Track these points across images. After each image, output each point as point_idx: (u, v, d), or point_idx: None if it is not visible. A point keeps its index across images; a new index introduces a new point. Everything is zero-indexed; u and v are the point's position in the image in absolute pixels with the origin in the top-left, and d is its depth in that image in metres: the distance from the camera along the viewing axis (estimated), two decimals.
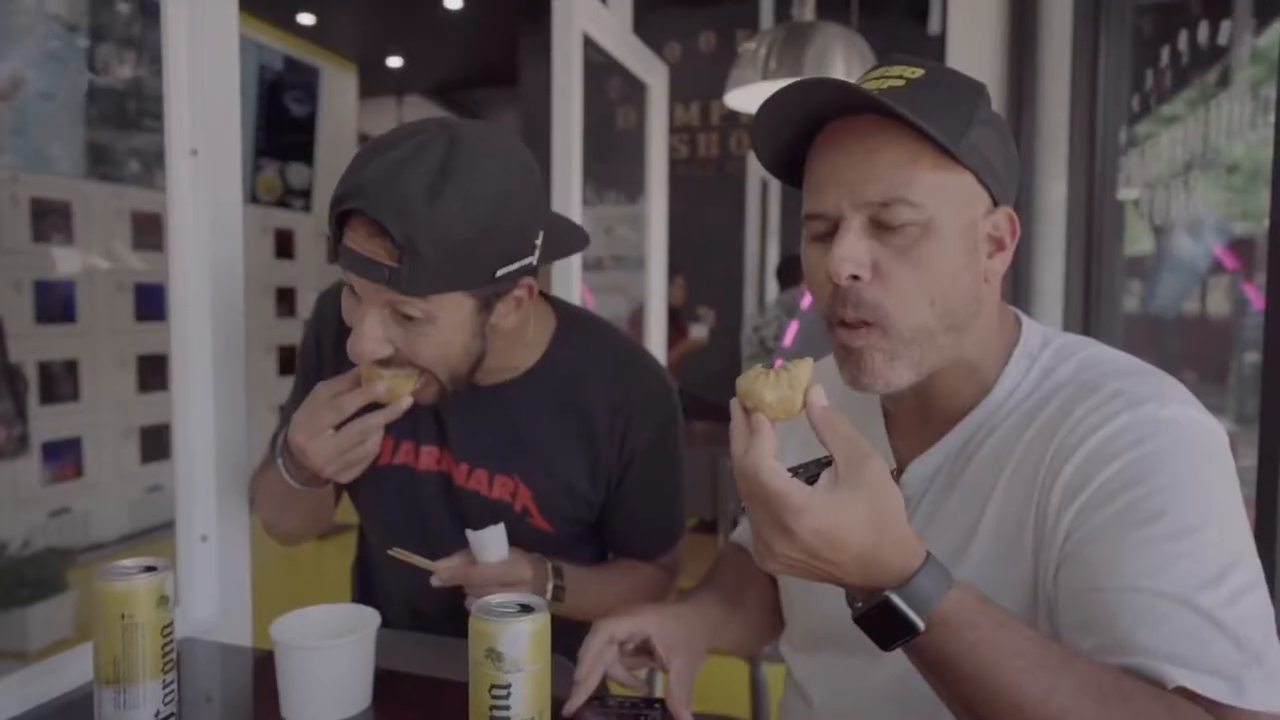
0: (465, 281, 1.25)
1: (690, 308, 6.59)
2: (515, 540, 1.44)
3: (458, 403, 1.46)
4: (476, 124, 1.27)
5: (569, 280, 3.02)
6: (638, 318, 4.95)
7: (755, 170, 7.42)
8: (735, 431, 0.95)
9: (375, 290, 1.24)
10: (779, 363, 0.99)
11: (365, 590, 1.80)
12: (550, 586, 1.46)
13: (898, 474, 1.19)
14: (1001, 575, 1.06)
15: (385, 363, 1.31)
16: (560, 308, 1.58)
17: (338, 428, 1.33)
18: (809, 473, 0.95)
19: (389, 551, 1.46)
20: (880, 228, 1.05)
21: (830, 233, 1.08)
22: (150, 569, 1.18)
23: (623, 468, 1.55)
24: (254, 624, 1.76)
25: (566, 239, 1.47)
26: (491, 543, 1.40)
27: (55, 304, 5.15)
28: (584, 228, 1.54)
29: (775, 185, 7.69)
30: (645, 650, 1.29)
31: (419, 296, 1.23)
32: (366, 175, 1.19)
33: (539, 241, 1.32)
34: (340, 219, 1.25)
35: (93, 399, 5.35)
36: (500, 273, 1.27)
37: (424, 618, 1.68)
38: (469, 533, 1.41)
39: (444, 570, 1.41)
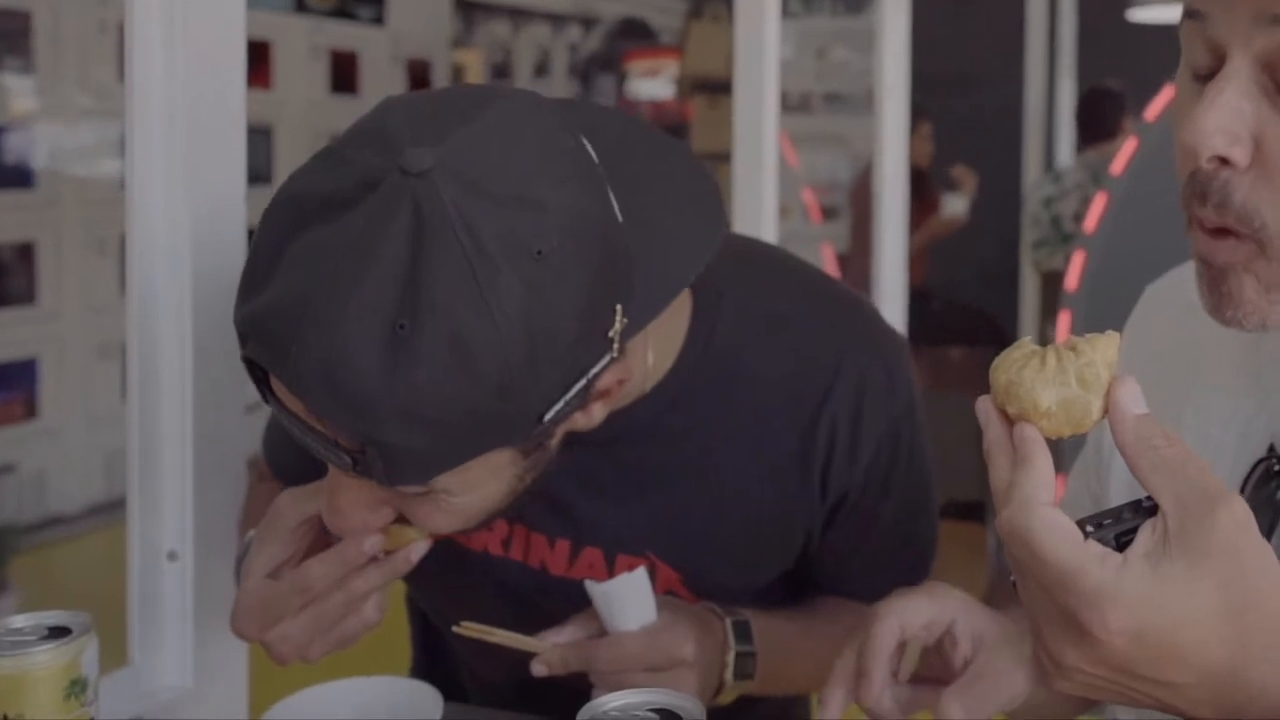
0: (485, 448, 1.17)
1: (941, 169, 6.70)
2: None
3: None
4: (464, 149, 1.08)
5: (757, 131, 2.93)
6: (863, 184, 4.98)
7: None
8: (991, 454, 0.92)
9: None
10: (1063, 319, 0.85)
11: (427, 641, 1.84)
12: (732, 657, 1.43)
13: None
14: None
15: None
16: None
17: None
18: (1119, 527, 0.88)
19: (454, 628, 1.45)
20: None
21: (1212, 71, 1.01)
22: (58, 632, 1.14)
23: (829, 510, 1.50)
24: (251, 694, 1.73)
25: (692, 245, 1.31)
26: (628, 599, 1.37)
27: (3, 161, 5.23)
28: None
29: None
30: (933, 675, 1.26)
31: (408, 485, 1.19)
32: (279, 306, 1.08)
33: (617, 328, 1.18)
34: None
35: (55, 300, 5.46)
36: (549, 415, 1.16)
37: (495, 688, 1.68)
38: (589, 585, 1.38)
39: (554, 651, 1.38)
